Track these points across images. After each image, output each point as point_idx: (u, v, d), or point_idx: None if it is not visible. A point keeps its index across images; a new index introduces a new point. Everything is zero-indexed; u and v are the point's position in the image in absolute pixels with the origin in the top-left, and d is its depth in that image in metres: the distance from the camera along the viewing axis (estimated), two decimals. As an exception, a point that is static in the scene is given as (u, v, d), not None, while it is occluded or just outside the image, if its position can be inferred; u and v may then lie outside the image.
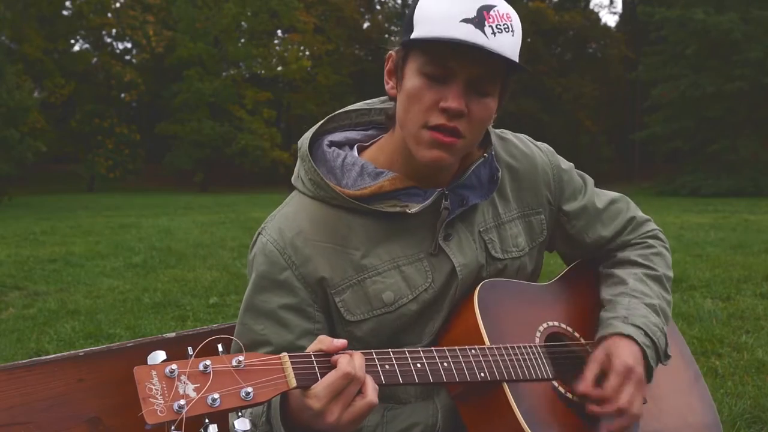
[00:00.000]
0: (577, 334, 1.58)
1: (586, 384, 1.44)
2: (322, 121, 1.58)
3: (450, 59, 1.35)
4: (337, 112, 1.61)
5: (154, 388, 1.07)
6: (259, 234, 1.51)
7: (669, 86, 30.15)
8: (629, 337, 1.49)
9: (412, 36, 1.37)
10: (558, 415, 1.42)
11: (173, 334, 1.60)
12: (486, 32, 1.33)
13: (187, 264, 9.02)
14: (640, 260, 1.67)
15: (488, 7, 1.35)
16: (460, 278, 1.49)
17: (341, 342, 1.23)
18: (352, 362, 1.20)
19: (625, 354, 1.46)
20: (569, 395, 1.46)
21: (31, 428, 1.40)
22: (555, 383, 1.46)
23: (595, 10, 54.03)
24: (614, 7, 77.03)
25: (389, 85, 1.46)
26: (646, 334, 1.51)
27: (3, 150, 23.36)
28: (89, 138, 36.18)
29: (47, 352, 4.92)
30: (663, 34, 30.75)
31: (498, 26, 1.34)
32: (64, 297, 6.95)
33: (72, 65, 36.98)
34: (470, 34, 1.32)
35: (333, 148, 1.53)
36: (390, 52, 1.45)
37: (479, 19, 1.33)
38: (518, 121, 34.85)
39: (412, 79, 1.39)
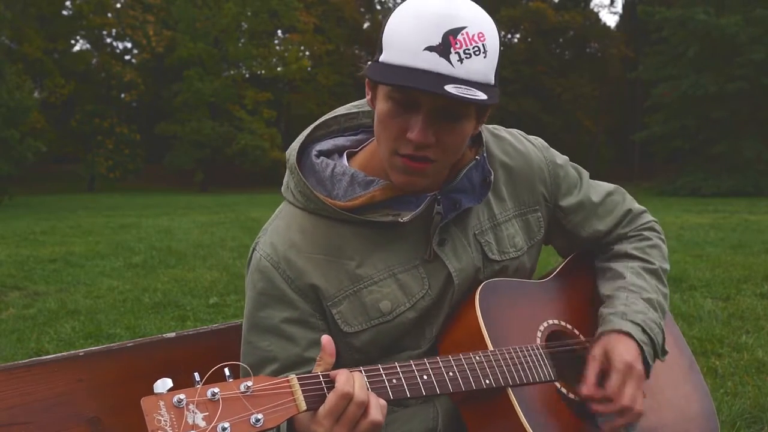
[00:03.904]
0: (576, 332, 1.58)
1: (588, 386, 1.44)
2: (308, 130, 1.54)
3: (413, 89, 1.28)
4: (324, 118, 1.57)
5: (162, 419, 1.04)
6: (254, 250, 1.50)
7: (669, 86, 30.15)
8: (627, 334, 1.49)
9: (380, 59, 1.32)
10: (561, 417, 1.42)
11: (173, 334, 1.60)
12: (452, 60, 1.25)
13: (187, 264, 9.02)
14: (636, 253, 1.66)
15: (455, 31, 1.26)
16: (457, 283, 1.47)
17: (327, 343, 1.20)
18: (351, 381, 1.17)
19: (624, 351, 1.46)
20: (572, 396, 1.46)
21: (31, 428, 1.40)
22: (558, 384, 1.46)
23: (595, 10, 54.14)
24: (614, 7, 77.03)
25: (368, 96, 1.42)
26: (644, 331, 1.51)
27: (3, 150, 23.37)
28: (89, 138, 36.20)
29: (47, 352, 4.92)
30: (663, 35, 30.74)
31: (466, 51, 1.26)
32: (64, 297, 6.95)
33: (72, 65, 37.00)
34: (433, 63, 1.25)
35: (322, 158, 1.49)
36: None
37: (444, 46, 1.25)
38: (518, 121, 34.84)
39: (381, 103, 1.35)
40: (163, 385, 1.07)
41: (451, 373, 1.31)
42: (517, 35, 43.24)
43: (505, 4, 39.52)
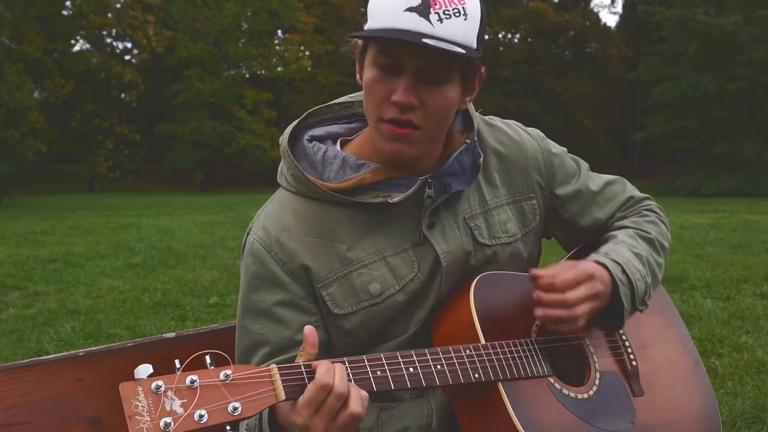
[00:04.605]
0: None
1: (543, 272, 1.41)
2: (301, 117, 1.57)
3: (395, 50, 1.34)
4: (319, 106, 1.61)
5: (140, 405, 1.05)
6: (247, 235, 1.52)
7: (669, 86, 30.16)
8: (603, 265, 1.47)
9: (366, 27, 1.37)
10: (553, 413, 1.40)
11: (173, 334, 1.60)
12: (431, 20, 1.31)
13: (187, 264, 9.02)
14: (632, 225, 1.65)
15: None
16: (444, 265, 1.47)
17: (310, 334, 1.21)
18: (331, 372, 1.17)
19: (593, 267, 1.44)
20: (566, 392, 1.44)
21: (31, 428, 1.40)
22: (551, 380, 1.44)
23: (595, 10, 54.19)
24: (614, 7, 77.11)
25: (358, 75, 1.46)
26: (624, 271, 1.48)
27: (3, 150, 23.38)
28: (89, 138, 36.20)
29: (47, 352, 4.92)
30: (663, 35, 30.75)
31: (446, 12, 1.31)
32: (64, 297, 6.95)
33: (72, 65, 37.01)
34: (413, 23, 1.30)
35: (314, 142, 1.52)
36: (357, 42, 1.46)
37: (424, 7, 1.31)
38: (518, 121, 34.72)
39: (368, 70, 1.39)
40: (144, 370, 1.08)
41: (438, 366, 1.31)
42: (517, 35, 43.24)
43: (505, 4, 39.49)
